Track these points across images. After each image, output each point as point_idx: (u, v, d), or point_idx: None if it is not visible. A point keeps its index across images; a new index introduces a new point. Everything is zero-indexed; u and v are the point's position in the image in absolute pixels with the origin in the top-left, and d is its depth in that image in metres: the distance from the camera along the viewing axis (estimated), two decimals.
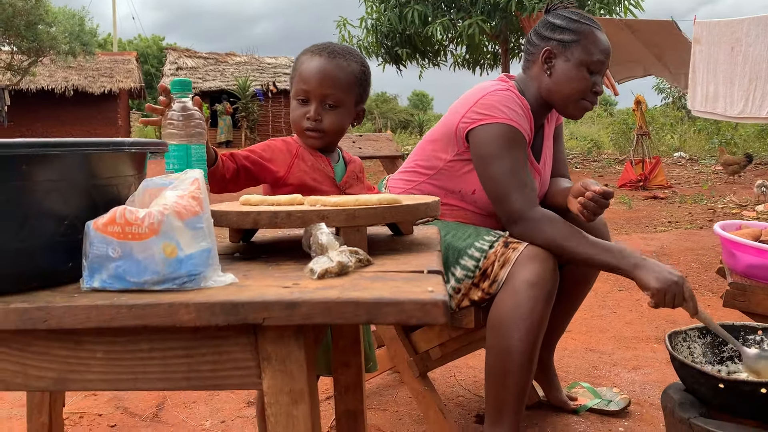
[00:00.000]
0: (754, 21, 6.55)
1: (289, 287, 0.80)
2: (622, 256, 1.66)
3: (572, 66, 1.80)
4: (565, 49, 1.81)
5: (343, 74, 1.53)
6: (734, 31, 6.73)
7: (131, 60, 23.59)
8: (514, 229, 1.74)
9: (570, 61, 1.80)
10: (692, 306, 1.65)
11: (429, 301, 0.73)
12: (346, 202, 1.02)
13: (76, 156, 0.82)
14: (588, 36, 1.81)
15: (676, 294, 1.61)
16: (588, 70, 1.80)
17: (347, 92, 1.55)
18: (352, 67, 1.56)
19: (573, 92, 1.82)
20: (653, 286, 1.60)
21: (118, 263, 0.78)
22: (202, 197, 0.83)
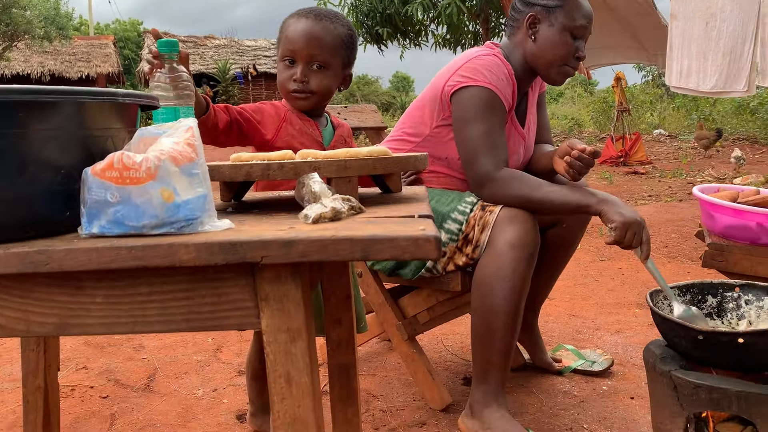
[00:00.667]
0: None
1: (285, 230, 0.82)
2: (589, 193, 1.71)
3: (556, 31, 1.83)
4: (549, 14, 1.84)
5: (330, 36, 1.55)
6: (709, 6, 6.77)
7: (108, 44, 23.24)
8: (482, 192, 1.78)
9: (554, 26, 1.83)
10: (646, 250, 1.70)
11: (421, 237, 0.76)
12: (337, 155, 1.04)
13: (71, 104, 0.83)
14: (571, 1, 1.83)
15: (637, 232, 1.65)
16: (571, 35, 1.83)
17: (334, 54, 1.56)
18: (339, 29, 1.57)
19: (556, 57, 1.85)
20: (617, 219, 1.64)
21: (117, 208, 0.80)
22: (196, 144, 0.85)
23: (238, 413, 1.99)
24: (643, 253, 1.71)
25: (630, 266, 3.73)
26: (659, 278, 1.78)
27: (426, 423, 1.89)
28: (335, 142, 1.66)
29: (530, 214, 1.72)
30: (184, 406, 2.06)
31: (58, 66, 21.06)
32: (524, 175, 1.75)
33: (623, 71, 9.59)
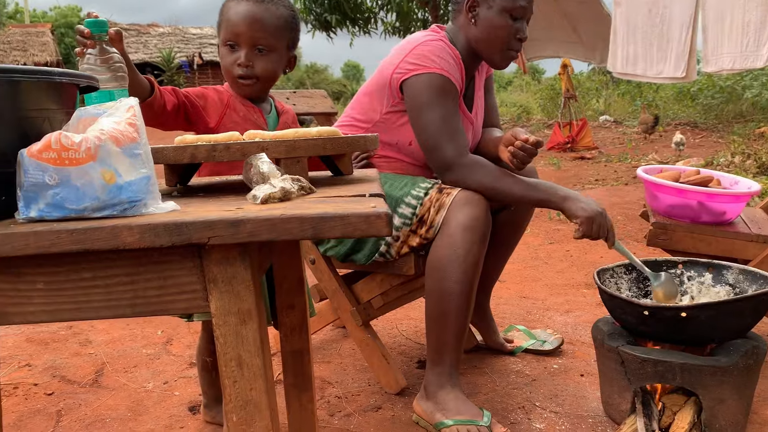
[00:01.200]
0: None
1: (233, 210, 0.80)
2: (553, 190, 1.74)
3: (495, 13, 1.83)
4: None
5: (273, 18, 1.52)
6: None
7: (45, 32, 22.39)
8: (447, 177, 1.78)
9: (492, 8, 1.83)
10: (612, 237, 1.74)
11: (372, 213, 0.75)
12: (285, 135, 1.02)
13: (4, 83, 0.79)
14: None
15: (602, 224, 1.69)
16: (511, 16, 1.83)
17: (278, 37, 1.54)
18: (281, 11, 1.54)
19: (497, 40, 1.85)
20: (582, 215, 1.68)
21: (56, 190, 0.77)
22: (138, 124, 0.82)
23: (191, 405, 1.96)
24: (609, 241, 1.75)
25: (578, 248, 3.82)
26: (630, 256, 1.84)
27: (381, 407, 1.90)
28: (280, 128, 1.63)
29: (483, 198, 1.73)
30: (135, 400, 2.01)
31: None
32: (488, 164, 1.76)
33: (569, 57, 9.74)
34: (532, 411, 1.85)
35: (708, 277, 1.94)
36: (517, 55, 1.92)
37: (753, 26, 6.07)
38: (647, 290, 1.98)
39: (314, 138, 1.01)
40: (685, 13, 6.62)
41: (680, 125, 11.56)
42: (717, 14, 6.35)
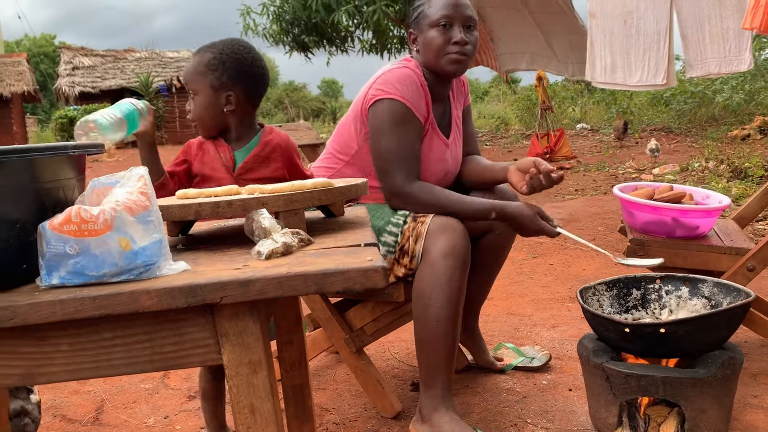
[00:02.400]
0: None
1: (241, 269, 0.87)
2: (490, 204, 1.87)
3: (425, 34, 1.94)
4: (418, 25, 1.96)
5: (194, 65, 1.68)
6: (625, 5, 7.15)
7: (21, 62, 22.29)
8: (394, 202, 1.89)
9: (423, 32, 1.94)
10: (549, 230, 1.86)
11: (370, 268, 0.82)
12: (282, 188, 1.09)
13: (22, 162, 0.86)
14: (429, 1, 1.94)
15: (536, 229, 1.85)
16: (439, 28, 1.91)
17: (198, 80, 1.67)
18: (204, 57, 1.68)
19: (434, 52, 1.92)
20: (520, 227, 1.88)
21: (77, 259, 0.83)
22: (149, 192, 0.89)
23: None
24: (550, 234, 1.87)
25: (561, 261, 3.91)
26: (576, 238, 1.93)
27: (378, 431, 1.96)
28: (246, 163, 1.69)
29: (460, 222, 1.82)
30: None
31: None
32: (434, 189, 1.87)
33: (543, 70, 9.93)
34: (524, 428, 1.92)
35: (685, 290, 2.04)
36: (465, 57, 1.94)
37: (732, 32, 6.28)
38: (628, 305, 2.07)
39: (310, 191, 1.08)
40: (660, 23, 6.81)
41: (655, 131, 11.78)
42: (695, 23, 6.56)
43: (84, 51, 23.68)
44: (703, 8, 6.49)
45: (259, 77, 1.71)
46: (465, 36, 1.90)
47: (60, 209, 0.92)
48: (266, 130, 1.76)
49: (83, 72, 22.53)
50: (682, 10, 6.70)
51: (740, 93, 10.84)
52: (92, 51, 23.81)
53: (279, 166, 1.72)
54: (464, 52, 1.91)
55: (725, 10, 6.32)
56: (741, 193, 5.29)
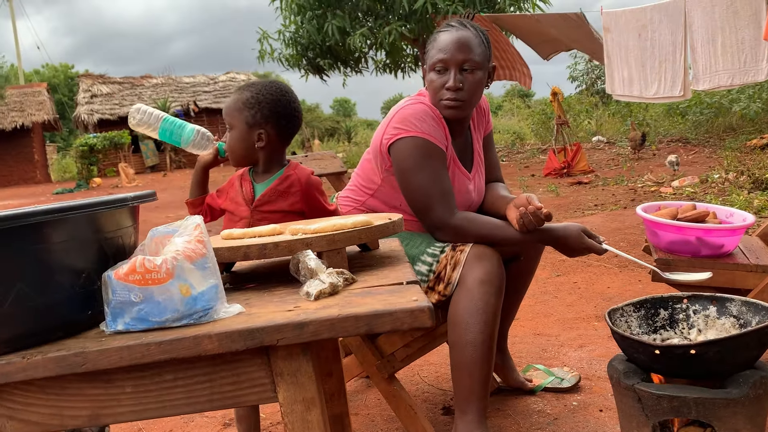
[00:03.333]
0: (656, 8, 7.04)
1: (293, 310, 0.92)
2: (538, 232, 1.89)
3: (427, 75, 1.98)
4: (426, 64, 2.00)
5: (234, 101, 1.78)
6: (639, 19, 7.21)
7: (42, 92, 22.77)
8: (440, 236, 1.92)
9: (426, 72, 1.99)
10: (596, 248, 1.89)
11: (416, 308, 0.87)
12: (324, 228, 1.14)
13: (87, 216, 0.92)
14: (431, 43, 1.98)
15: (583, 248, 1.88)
16: (435, 71, 1.94)
17: (234, 116, 1.77)
18: (244, 95, 1.78)
19: (432, 96, 1.97)
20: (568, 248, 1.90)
21: (141, 306, 0.89)
22: (205, 240, 0.95)
23: None
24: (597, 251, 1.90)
25: (585, 279, 3.92)
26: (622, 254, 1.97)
27: None
28: (264, 196, 1.76)
29: (496, 251, 1.85)
30: None
31: None
32: (475, 218, 1.91)
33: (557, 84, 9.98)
34: None
35: (712, 309, 2.05)
36: (457, 103, 1.94)
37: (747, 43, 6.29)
38: (656, 326, 2.09)
39: (351, 231, 1.13)
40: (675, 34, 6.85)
41: (672, 142, 11.75)
42: (706, 35, 6.58)
43: (102, 79, 24.13)
44: (716, 20, 6.52)
45: (292, 118, 1.78)
46: (458, 81, 1.90)
47: (120, 256, 0.98)
48: (290, 166, 1.83)
49: (101, 99, 22.94)
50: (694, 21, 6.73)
51: (757, 102, 10.79)
52: (110, 78, 24.25)
53: (297, 200, 1.78)
54: (457, 98, 1.92)
55: (740, 20, 6.34)
56: (763, 204, 5.27)
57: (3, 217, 0.82)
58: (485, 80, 1.99)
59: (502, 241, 1.91)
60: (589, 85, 19.58)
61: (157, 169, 21.53)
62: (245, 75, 25.45)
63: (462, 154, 2.09)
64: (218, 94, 23.91)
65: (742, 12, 6.31)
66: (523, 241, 1.94)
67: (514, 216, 1.92)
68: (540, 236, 1.91)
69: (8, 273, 0.85)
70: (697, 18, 6.68)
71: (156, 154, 21.95)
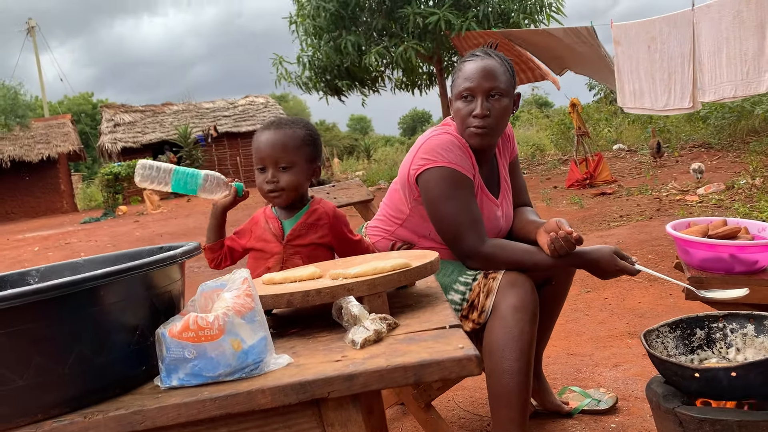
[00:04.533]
0: (665, 20, 7.03)
1: (341, 360, 0.94)
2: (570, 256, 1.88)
3: (453, 103, 2.01)
4: (452, 93, 2.02)
5: (288, 139, 1.78)
6: (648, 31, 7.21)
7: (66, 123, 23.24)
8: (471, 264, 1.93)
9: (452, 101, 2.01)
10: (630, 270, 1.89)
11: (464, 357, 0.88)
12: (365, 272, 1.16)
13: (140, 276, 0.95)
14: (456, 72, 2.00)
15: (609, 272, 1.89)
16: (462, 99, 1.97)
17: (294, 153, 1.78)
18: (298, 132, 1.80)
19: (459, 124, 1.99)
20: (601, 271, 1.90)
21: (195, 362, 0.91)
22: (253, 293, 0.97)
23: None
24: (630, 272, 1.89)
25: (615, 295, 3.90)
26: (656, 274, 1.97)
27: None
28: (294, 230, 1.80)
29: (528, 277, 1.86)
30: None
31: (17, 151, 21.00)
32: (506, 245, 1.91)
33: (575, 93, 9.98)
34: None
35: (750, 328, 2.03)
36: (483, 130, 1.96)
37: (751, 54, 6.27)
38: (693, 346, 2.07)
39: (390, 274, 1.15)
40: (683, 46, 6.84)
41: (694, 147, 11.64)
42: (712, 47, 6.56)
43: (124, 108, 24.57)
44: (723, 30, 6.49)
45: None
46: (485, 108, 1.92)
47: (170, 309, 1.01)
48: (315, 200, 1.88)
49: (124, 128, 23.34)
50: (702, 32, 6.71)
51: None
52: (132, 107, 24.68)
53: (325, 233, 1.82)
54: (484, 125, 1.94)
55: (745, 31, 6.31)
56: None
57: (61, 285, 0.85)
58: (511, 107, 2.02)
59: (533, 266, 1.92)
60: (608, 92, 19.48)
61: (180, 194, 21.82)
62: (264, 98, 25.74)
63: (489, 181, 2.11)
64: (237, 118, 24.19)
65: (749, 22, 6.29)
66: (555, 266, 1.95)
67: (544, 241, 1.92)
68: (572, 260, 1.92)
69: (68, 337, 0.88)
70: (704, 29, 6.67)
71: None
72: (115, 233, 12.30)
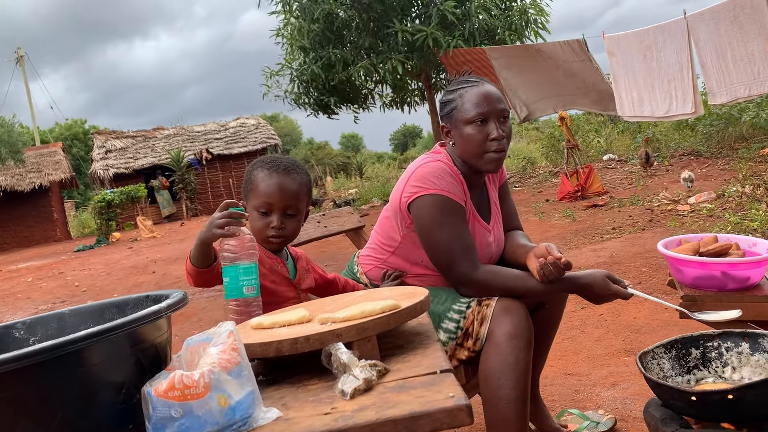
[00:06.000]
0: (659, 29, 7.11)
1: (330, 413, 0.93)
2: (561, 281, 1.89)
3: (460, 130, 1.99)
4: (451, 119, 2.01)
5: (297, 185, 1.78)
6: (642, 40, 7.28)
7: (58, 151, 23.22)
8: (464, 291, 1.93)
9: (458, 128, 1.99)
10: (622, 293, 1.91)
11: (455, 407, 0.87)
12: (353, 316, 1.15)
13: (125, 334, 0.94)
14: (461, 98, 1.99)
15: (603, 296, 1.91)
16: (474, 125, 1.96)
17: (302, 200, 1.80)
18: (303, 178, 1.80)
19: (473, 149, 1.97)
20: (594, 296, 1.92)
21: (181, 421, 0.90)
22: (239, 347, 0.96)
23: None
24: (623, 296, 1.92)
25: (610, 311, 3.89)
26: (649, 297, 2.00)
27: None
28: (299, 274, 1.84)
29: (522, 304, 1.86)
30: None
31: (9, 180, 20.94)
32: (499, 272, 1.91)
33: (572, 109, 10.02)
34: None
35: (745, 346, 2.02)
36: (502, 153, 1.99)
37: (758, 54, 6.34)
38: (689, 366, 2.06)
39: (380, 317, 1.14)
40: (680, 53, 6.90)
41: (684, 156, 11.70)
42: (715, 51, 6.63)
43: (115, 134, 24.56)
44: (722, 35, 6.56)
45: None
46: (501, 130, 1.95)
47: (156, 364, 1.00)
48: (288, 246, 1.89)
49: (116, 154, 23.32)
50: (699, 39, 6.78)
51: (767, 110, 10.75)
52: (123, 133, 24.68)
53: (313, 277, 1.88)
54: (502, 148, 1.97)
55: (746, 35, 6.38)
56: None
57: (44, 349, 0.84)
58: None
59: (526, 292, 1.91)
60: None
61: (174, 218, 21.76)
62: (255, 119, 25.80)
63: (480, 206, 2.11)
64: (229, 140, 24.21)
65: (748, 26, 6.36)
66: (547, 292, 1.94)
67: (534, 266, 1.92)
68: (565, 286, 1.91)
69: (51, 401, 0.86)
70: (702, 35, 6.73)
71: (171, 203, 22.20)
72: (108, 261, 12.23)
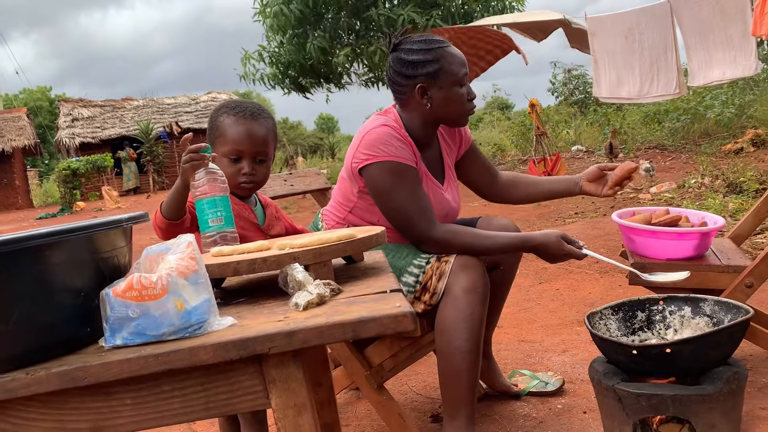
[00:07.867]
0: (642, 12, 7.23)
1: (282, 320, 0.97)
2: (517, 238, 1.99)
3: (446, 91, 2.04)
4: (435, 79, 2.03)
5: (266, 131, 1.79)
6: (624, 22, 7.39)
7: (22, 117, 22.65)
8: (424, 249, 2.00)
9: (443, 88, 2.04)
10: (576, 254, 1.99)
11: (400, 314, 0.93)
12: (311, 242, 1.20)
13: (84, 238, 0.97)
14: (446, 58, 2.03)
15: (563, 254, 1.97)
16: (459, 85, 2.05)
17: (271, 146, 1.81)
18: (270, 123, 1.81)
19: (457, 109, 2.07)
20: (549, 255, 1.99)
21: (138, 321, 0.94)
22: (197, 257, 1.00)
23: None
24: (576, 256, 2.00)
25: (567, 286, 4.00)
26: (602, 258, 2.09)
27: None
28: (268, 221, 1.86)
29: (480, 260, 1.92)
30: None
31: None
32: (458, 229, 1.97)
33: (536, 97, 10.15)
34: None
35: (687, 310, 2.13)
36: (474, 109, 2.14)
37: (736, 39, 6.49)
38: (634, 327, 2.16)
39: (336, 243, 1.18)
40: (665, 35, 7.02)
41: (650, 149, 11.94)
42: (698, 34, 6.77)
43: (83, 102, 24.05)
44: (704, 19, 6.70)
45: None
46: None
47: (116, 275, 1.03)
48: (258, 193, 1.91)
49: (83, 123, 22.85)
50: (683, 22, 6.91)
51: (731, 108, 11.02)
52: (91, 102, 24.18)
53: (283, 225, 1.90)
54: (474, 107, 2.12)
55: (726, 19, 6.53)
56: (738, 207, 5.40)
57: (4, 241, 0.87)
58: None
59: (484, 251, 1.97)
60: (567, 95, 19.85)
61: (140, 191, 21.46)
62: (226, 94, 25.50)
63: (432, 167, 2.15)
64: (200, 114, 23.89)
65: (729, 11, 6.50)
66: (504, 250, 2.01)
67: (594, 188, 2.25)
68: (520, 244, 1.98)
69: (11, 294, 0.89)
70: (685, 18, 6.87)
71: (137, 176, 21.88)
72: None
